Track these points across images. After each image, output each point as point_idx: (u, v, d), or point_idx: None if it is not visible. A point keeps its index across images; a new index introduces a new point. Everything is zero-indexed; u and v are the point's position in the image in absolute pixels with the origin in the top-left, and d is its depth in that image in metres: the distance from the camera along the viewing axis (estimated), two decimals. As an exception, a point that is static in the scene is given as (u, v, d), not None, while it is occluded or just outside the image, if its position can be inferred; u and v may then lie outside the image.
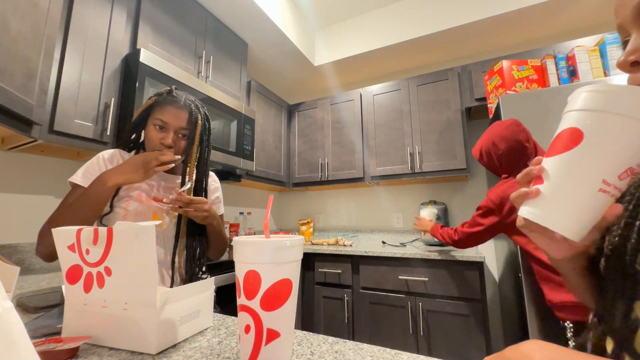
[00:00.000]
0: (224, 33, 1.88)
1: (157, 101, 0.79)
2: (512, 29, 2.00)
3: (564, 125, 0.32)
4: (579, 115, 0.31)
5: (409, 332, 1.58)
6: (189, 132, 0.79)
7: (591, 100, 0.30)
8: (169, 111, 0.77)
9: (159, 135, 0.77)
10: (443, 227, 1.45)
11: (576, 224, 0.30)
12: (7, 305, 0.17)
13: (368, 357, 0.41)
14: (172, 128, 0.77)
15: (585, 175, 0.30)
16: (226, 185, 2.27)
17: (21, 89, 0.75)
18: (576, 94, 0.32)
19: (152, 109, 0.79)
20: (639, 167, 0.29)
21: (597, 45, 1.42)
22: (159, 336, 0.44)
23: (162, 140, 0.76)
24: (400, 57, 2.38)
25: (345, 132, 2.30)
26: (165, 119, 0.76)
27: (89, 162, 0.76)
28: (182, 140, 0.79)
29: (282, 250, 0.37)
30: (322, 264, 1.90)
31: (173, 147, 0.78)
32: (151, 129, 0.77)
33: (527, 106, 1.30)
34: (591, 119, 0.30)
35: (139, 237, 0.44)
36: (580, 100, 0.31)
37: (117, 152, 0.81)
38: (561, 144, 0.31)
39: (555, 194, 0.31)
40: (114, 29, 1.24)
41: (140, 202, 0.77)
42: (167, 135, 0.77)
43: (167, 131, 0.77)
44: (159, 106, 0.78)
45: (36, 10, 0.79)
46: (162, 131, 0.77)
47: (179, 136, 0.79)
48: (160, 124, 0.77)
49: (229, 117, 1.73)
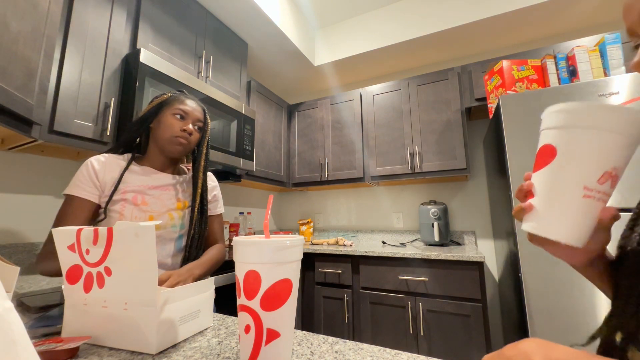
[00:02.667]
0: (224, 33, 1.88)
1: (173, 97, 0.84)
2: (512, 29, 2.00)
3: (541, 143, 0.36)
4: (550, 132, 0.34)
5: (409, 332, 1.58)
6: (203, 125, 0.86)
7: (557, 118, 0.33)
8: (188, 103, 0.83)
9: (179, 123, 0.81)
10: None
11: (572, 230, 0.33)
12: (7, 305, 0.17)
13: (368, 357, 0.41)
14: (192, 118, 0.83)
15: (566, 184, 0.33)
16: (226, 185, 2.27)
17: (21, 89, 0.75)
18: (546, 113, 0.35)
19: (167, 103, 0.83)
20: (615, 170, 0.31)
21: (597, 45, 1.42)
22: (159, 336, 0.44)
23: (183, 127, 0.81)
24: (400, 57, 2.38)
25: (345, 132, 2.30)
26: (186, 109, 0.82)
27: (78, 171, 0.76)
28: (197, 133, 0.85)
29: (282, 250, 0.37)
30: (322, 264, 1.90)
31: (192, 134, 0.83)
32: (170, 118, 0.81)
33: (527, 106, 1.30)
34: (560, 135, 0.33)
35: (139, 237, 0.44)
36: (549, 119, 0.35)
37: (106, 157, 0.79)
38: (541, 160, 0.35)
39: (546, 205, 0.34)
40: (114, 29, 1.24)
41: (135, 205, 0.76)
42: (187, 123, 0.82)
43: (187, 120, 0.82)
44: (177, 100, 0.83)
45: (36, 10, 0.79)
46: (182, 120, 0.82)
47: (195, 128, 0.84)
48: (182, 113, 0.81)
49: (229, 117, 1.73)
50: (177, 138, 0.80)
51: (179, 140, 0.80)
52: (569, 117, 0.32)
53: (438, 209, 1.92)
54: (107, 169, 0.77)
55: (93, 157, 0.78)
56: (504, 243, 1.60)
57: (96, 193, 0.75)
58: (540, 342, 0.25)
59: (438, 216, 1.91)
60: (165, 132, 0.80)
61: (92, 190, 0.74)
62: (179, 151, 0.82)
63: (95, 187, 0.75)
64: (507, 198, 1.36)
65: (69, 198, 0.73)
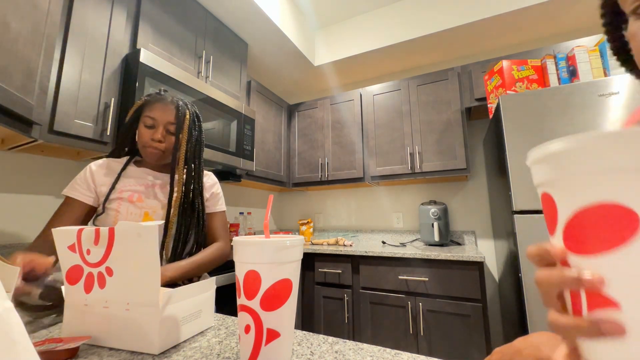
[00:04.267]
0: (224, 33, 1.88)
1: (146, 101, 0.82)
2: (512, 29, 2.00)
3: (588, 196, 0.18)
4: (614, 180, 0.17)
5: (409, 332, 1.58)
6: (176, 126, 0.81)
7: (629, 154, 0.17)
8: (156, 107, 0.80)
9: (149, 132, 0.79)
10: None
11: None
12: (7, 305, 0.17)
13: (368, 357, 0.41)
14: (161, 123, 0.80)
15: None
16: (226, 185, 2.27)
17: (21, 89, 0.75)
18: (585, 141, 0.18)
19: (142, 109, 0.81)
20: None
21: (597, 45, 1.42)
22: (162, 336, 0.44)
23: (152, 136, 0.79)
24: (400, 57, 2.38)
25: (345, 132, 2.30)
26: (153, 115, 0.79)
27: (78, 175, 0.80)
28: (171, 136, 0.82)
29: (282, 250, 0.37)
30: (322, 264, 1.90)
31: (163, 142, 0.80)
32: (141, 127, 0.80)
33: (527, 106, 1.30)
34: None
35: (141, 237, 0.44)
36: (604, 153, 0.17)
37: (105, 162, 0.83)
38: (604, 231, 0.18)
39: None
40: (114, 29, 1.24)
41: (131, 203, 0.78)
42: (157, 130, 0.79)
43: (157, 127, 0.80)
44: (147, 105, 0.81)
45: (36, 10, 0.79)
46: (151, 128, 0.80)
47: (168, 131, 0.81)
48: (150, 122, 0.79)
49: (229, 117, 1.73)
50: (147, 148, 0.79)
51: (149, 151, 0.79)
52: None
53: (438, 209, 1.92)
54: (105, 172, 0.81)
55: (93, 163, 0.82)
56: (504, 243, 1.60)
57: (91, 196, 0.79)
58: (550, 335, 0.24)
59: (438, 216, 1.91)
60: (139, 142, 0.81)
61: (87, 193, 0.78)
62: (155, 158, 0.81)
63: (90, 190, 0.78)
64: (507, 198, 1.35)
65: (66, 198, 0.78)
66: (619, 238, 0.17)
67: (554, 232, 0.20)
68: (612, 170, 0.17)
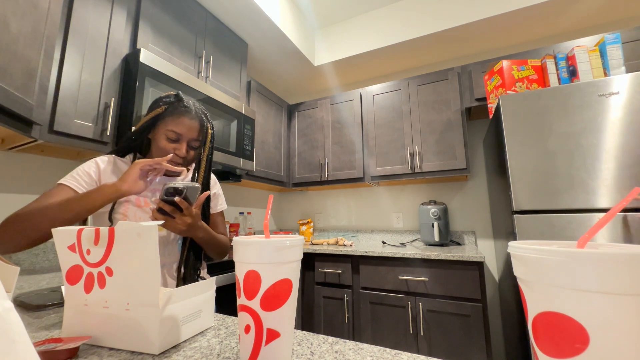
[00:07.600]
0: (224, 33, 1.88)
1: (168, 110, 0.77)
2: (512, 29, 2.00)
3: (539, 306, 0.21)
4: (564, 296, 0.20)
5: (409, 332, 1.58)
6: (200, 142, 0.81)
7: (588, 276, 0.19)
8: (182, 123, 0.77)
9: (172, 146, 0.77)
10: None
11: None
12: (7, 305, 0.17)
13: (368, 357, 0.41)
14: (185, 139, 0.78)
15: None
16: (226, 185, 2.27)
17: (21, 89, 0.75)
18: (541, 254, 0.21)
19: (162, 117, 0.77)
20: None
21: (597, 45, 1.41)
22: (162, 336, 0.44)
23: (176, 152, 0.77)
24: (400, 57, 2.38)
25: (345, 132, 2.30)
26: (180, 130, 0.76)
27: (80, 166, 0.75)
28: (193, 151, 0.81)
29: (282, 250, 0.37)
30: (322, 264, 1.90)
31: (187, 157, 0.79)
32: (163, 140, 0.76)
33: (527, 106, 1.30)
34: (592, 306, 0.19)
35: (141, 237, 0.44)
36: (557, 268, 0.20)
37: (112, 159, 0.80)
38: (556, 343, 0.20)
39: None
40: (114, 29, 1.24)
41: (138, 207, 0.77)
42: (181, 146, 0.77)
43: (181, 142, 0.78)
44: (171, 116, 0.76)
45: (36, 10, 0.79)
46: (175, 142, 0.77)
47: (190, 146, 0.80)
48: (174, 136, 0.76)
49: (229, 117, 1.73)
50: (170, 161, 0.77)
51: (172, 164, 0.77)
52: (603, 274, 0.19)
53: (438, 209, 1.92)
54: (112, 169, 0.78)
55: (98, 157, 0.78)
56: (504, 243, 1.60)
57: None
58: None
59: (438, 216, 1.91)
60: (159, 154, 0.77)
61: (87, 187, 0.73)
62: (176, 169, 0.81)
63: (91, 185, 0.74)
64: (507, 198, 1.35)
65: (60, 186, 0.70)
66: (573, 350, 0.20)
67: (527, 322, 0.23)
68: (571, 288, 0.20)
